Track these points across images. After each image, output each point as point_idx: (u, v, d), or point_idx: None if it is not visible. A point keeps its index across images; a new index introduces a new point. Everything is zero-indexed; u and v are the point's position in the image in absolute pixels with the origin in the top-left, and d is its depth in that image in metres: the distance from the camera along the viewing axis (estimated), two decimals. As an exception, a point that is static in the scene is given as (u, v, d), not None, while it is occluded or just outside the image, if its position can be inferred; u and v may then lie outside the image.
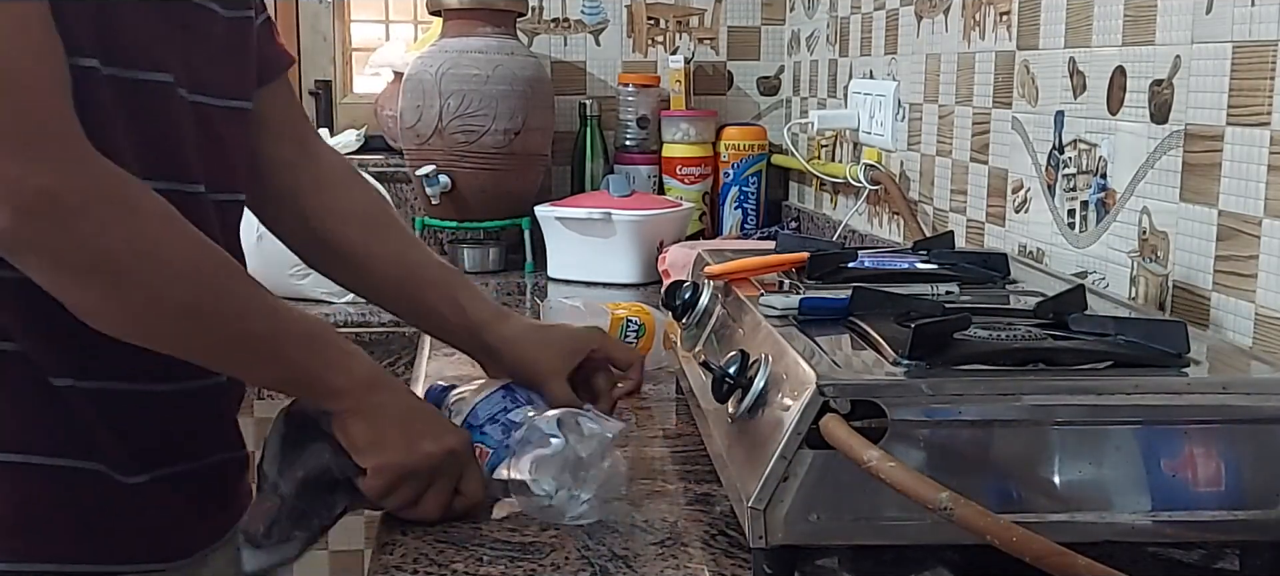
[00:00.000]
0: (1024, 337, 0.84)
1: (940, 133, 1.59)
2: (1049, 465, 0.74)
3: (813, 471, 0.72)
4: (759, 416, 0.79)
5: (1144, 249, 1.11)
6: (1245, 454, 0.74)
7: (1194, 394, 0.76)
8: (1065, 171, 1.25)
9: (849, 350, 0.84)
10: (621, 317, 1.33)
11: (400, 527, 0.90)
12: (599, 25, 2.35)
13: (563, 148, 2.28)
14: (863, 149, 1.87)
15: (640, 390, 1.18)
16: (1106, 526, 0.73)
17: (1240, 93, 0.97)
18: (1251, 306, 0.96)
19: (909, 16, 1.70)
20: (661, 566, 0.83)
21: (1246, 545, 0.78)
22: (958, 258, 1.14)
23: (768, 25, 2.38)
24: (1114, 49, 1.16)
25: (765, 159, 2.30)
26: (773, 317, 0.90)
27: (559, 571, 0.83)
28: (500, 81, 2.04)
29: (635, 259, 1.92)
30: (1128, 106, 1.13)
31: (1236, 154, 0.97)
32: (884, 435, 0.71)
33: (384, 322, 1.73)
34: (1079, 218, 1.23)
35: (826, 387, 0.72)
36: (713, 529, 0.90)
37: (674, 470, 1.03)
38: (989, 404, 0.73)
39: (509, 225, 2.13)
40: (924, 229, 1.61)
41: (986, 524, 0.65)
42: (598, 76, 2.35)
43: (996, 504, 0.70)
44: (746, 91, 2.39)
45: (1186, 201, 1.04)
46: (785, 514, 0.72)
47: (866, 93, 1.85)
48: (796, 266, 1.07)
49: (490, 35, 2.08)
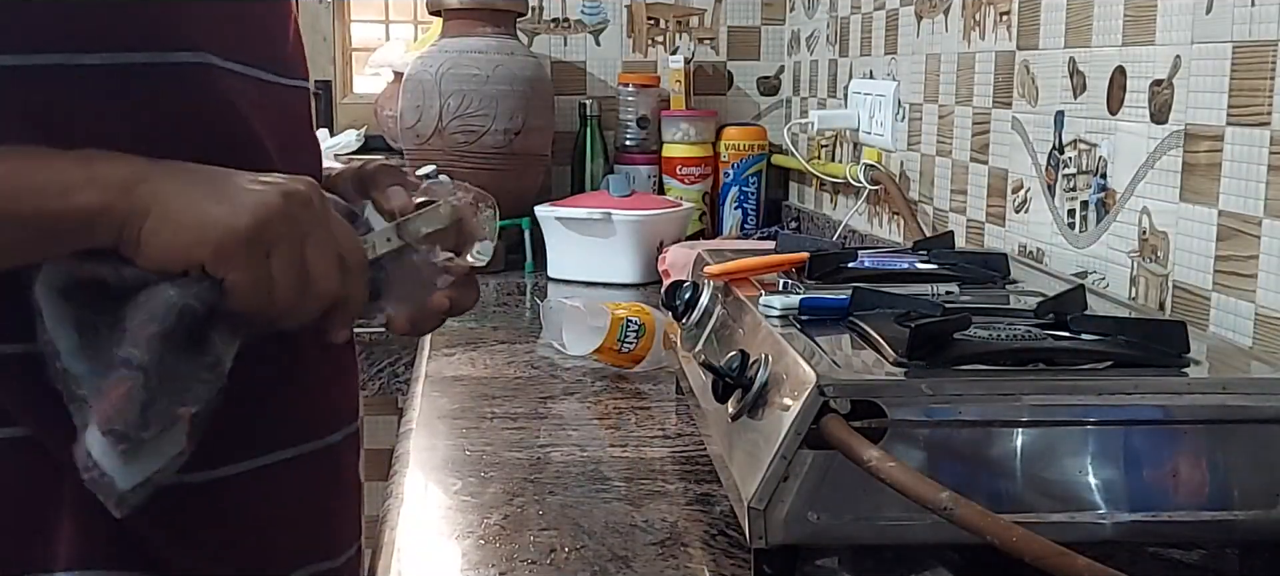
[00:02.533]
0: (1024, 338, 0.84)
1: (940, 133, 1.59)
2: (1049, 465, 0.74)
3: (813, 471, 0.72)
4: (759, 416, 0.79)
5: (1144, 249, 1.11)
6: (1245, 454, 0.74)
7: (1194, 394, 0.76)
8: (1065, 171, 1.25)
9: (849, 350, 0.84)
10: (621, 318, 1.33)
11: (399, 527, 0.90)
12: (599, 25, 2.35)
13: (563, 148, 2.28)
14: (863, 149, 1.87)
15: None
16: (1107, 526, 0.74)
17: (1240, 93, 0.97)
18: (1251, 306, 0.96)
19: (909, 16, 1.70)
20: (661, 566, 0.83)
21: (1246, 545, 0.78)
22: (958, 258, 1.14)
23: (768, 25, 2.38)
24: (1114, 49, 1.16)
25: (765, 159, 2.29)
26: (773, 318, 0.90)
27: (559, 571, 0.83)
28: (500, 81, 2.04)
29: (635, 259, 1.92)
30: (1128, 106, 1.13)
31: (1236, 154, 0.97)
32: (884, 435, 0.71)
33: (384, 323, 1.73)
34: (1079, 218, 1.23)
35: (826, 387, 0.72)
36: (713, 529, 0.90)
37: (674, 470, 1.03)
38: (989, 404, 0.73)
39: (509, 225, 2.13)
40: (924, 229, 1.61)
41: (986, 524, 0.65)
42: (598, 76, 2.35)
43: (996, 504, 0.70)
44: (746, 91, 2.39)
45: (1186, 201, 1.04)
46: (785, 514, 0.72)
47: (866, 93, 1.84)
48: (796, 266, 1.07)
49: (490, 35, 2.08)
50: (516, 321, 1.69)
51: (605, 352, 1.33)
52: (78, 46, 0.70)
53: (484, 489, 0.99)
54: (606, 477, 1.02)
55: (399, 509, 0.96)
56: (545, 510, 0.94)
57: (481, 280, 1.79)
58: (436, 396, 1.27)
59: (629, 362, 1.34)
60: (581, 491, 0.98)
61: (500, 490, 0.99)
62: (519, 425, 1.17)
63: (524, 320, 1.69)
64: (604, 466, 1.04)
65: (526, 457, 1.07)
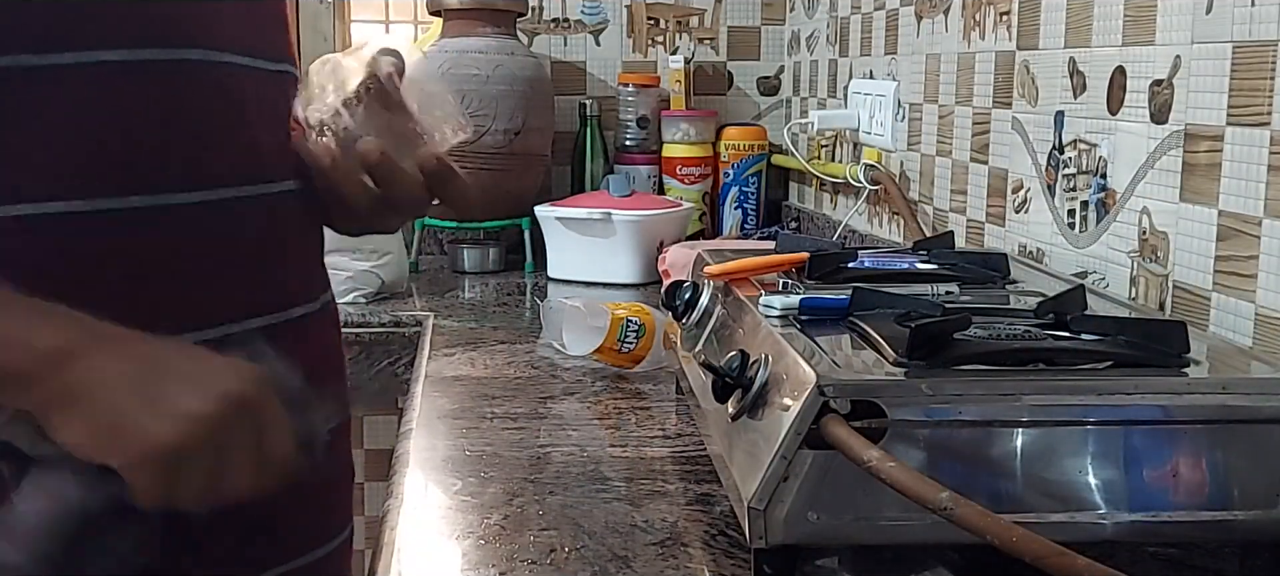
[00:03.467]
0: (1024, 338, 0.84)
1: (940, 133, 1.59)
2: (1049, 465, 0.74)
3: (813, 471, 0.72)
4: (759, 416, 0.79)
5: (1144, 249, 1.11)
6: (1245, 454, 0.74)
7: (1194, 394, 0.76)
8: (1065, 171, 1.25)
9: (849, 350, 0.84)
10: (621, 317, 1.33)
11: (399, 528, 0.90)
12: (599, 25, 2.35)
13: (563, 148, 2.28)
14: (863, 149, 1.87)
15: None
16: (1107, 526, 0.74)
17: (1240, 93, 0.97)
18: (1251, 306, 0.96)
19: (909, 16, 1.70)
20: (661, 566, 0.83)
21: (1246, 545, 0.78)
22: (958, 258, 1.14)
23: (768, 25, 2.38)
24: (1114, 49, 1.16)
25: (765, 159, 2.29)
26: (773, 318, 0.90)
27: (559, 571, 0.83)
28: (500, 81, 2.04)
29: (635, 259, 1.92)
30: (1128, 106, 1.13)
31: (1236, 154, 0.97)
32: (884, 435, 0.71)
33: (384, 323, 1.73)
34: (1079, 218, 1.23)
35: (826, 387, 0.72)
36: (713, 529, 0.90)
37: (674, 470, 1.03)
38: (989, 404, 0.73)
39: (509, 225, 2.13)
40: (924, 229, 1.61)
41: (986, 524, 0.65)
42: (598, 76, 2.35)
43: (996, 504, 0.70)
44: (746, 91, 2.39)
45: (1186, 201, 1.04)
46: (785, 514, 0.72)
47: (866, 93, 1.84)
48: (796, 266, 1.07)
49: (490, 35, 2.08)
50: (516, 321, 1.69)
51: (605, 352, 1.33)
52: (87, 44, 0.70)
53: (484, 489, 0.99)
54: (606, 477, 1.02)
55: (399, 509, 0.96)
56: (545, 510, 0.94)
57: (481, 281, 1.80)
58: (436, 396, 1.27)
59: (629, 363, 1.34)
60: (581, 491, 0.98)
61: (500, 490, 0.99)
62: (519, 425, 1.17)
63: (524, 320, 1.69)
64: (604, 466, 1.04)
65: (526, 457, 1.07)
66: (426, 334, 1.59)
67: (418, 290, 1.89)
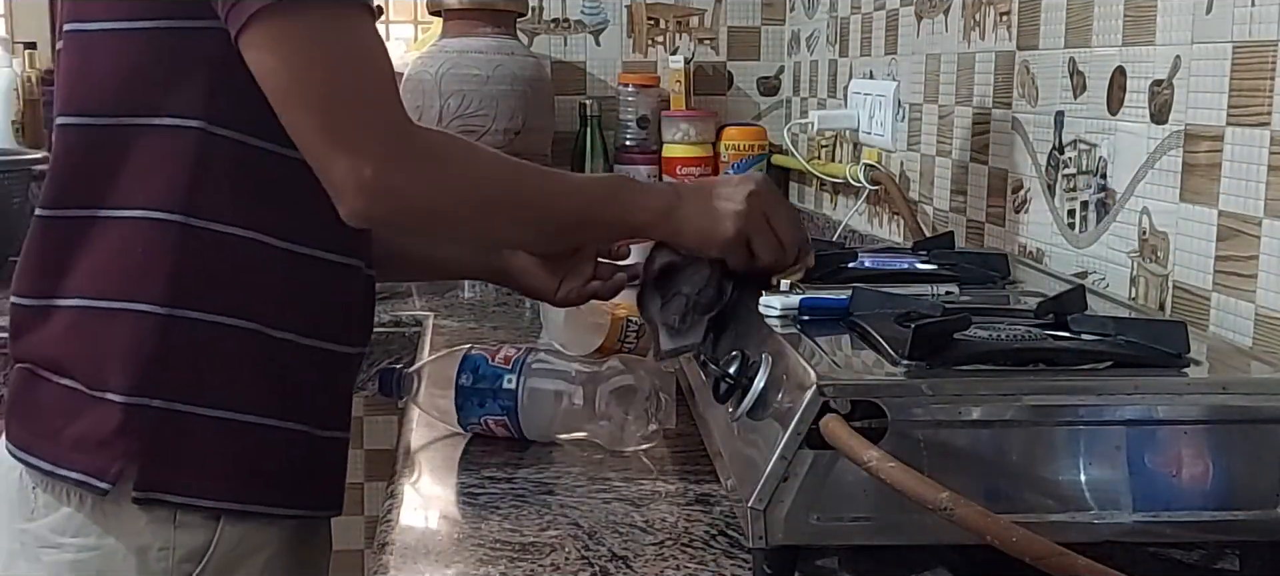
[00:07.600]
0: (1024, 338, 0.84)
1: (940, 133, 1.59)
2: (1049, 465, 0.74)
3: (813, 471, 0.72)
4: (759, 416, 0.79)
5: (1144, 249, 1.11)
6: (1245, 454, 0.74)
7: (1194, 394, 0.76)
8: (1065, 171, 1.25)
9: (849, 350, 0.84)
10: (621, 317, 1.33)
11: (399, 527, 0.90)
12: (599, 25, 2.35)
13: (563, 148, 2.28)
14: (863, 149, 1.87)
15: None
16: (1106, 526, 0.74)
17: (1240, 93, 0.97)
18: (1251, 306, 0.96)
19: (909, 16, 1.70)
20: (661, 566, 0.83)
21: (1246, 545, 0.78)
22: (958, 258, 1.14)
23: (768, 25, 2.38)
24: (1114, 49, 1.16)
25: (765, 159, 2.29)
26: (773, 318, 0.90)
27: (559, 571, 0.83)
28: (500, 81, 2.04)
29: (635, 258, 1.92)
30: (1128, 107, 1.13)
31: (1236, 154, 0.97)
32: (884, 435, 0.71)
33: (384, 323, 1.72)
34: (1079, 218, 1.23)
35: (826, 387, 0.72)
36: (713, 529, 0.90)
37: (674, 470, 1.04)
38: (989, 404, 0.73)
39: (509, 225, 2.13)
40: (924, 229, 1.61)
41: (986, 524, 0.65)
42: (598, 76, 2.35)
43: (996, 504, 0.70)
44: (746, 91, 2.39)
45: (1186, 201, 1.04)
46: (785, 514, 0.72)
47: (866, 93, 1.84)
48: (796, 266, 1.07)
49: (490, 35, 2.08)
50: (516, 321, 1.69)
51: (605, 353, 1.33)
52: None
53: (484, 489, 0.99)
54: (606, 477, 1.02)
55: (399, 509, 0.96)
56: (545, 510, 0.94)
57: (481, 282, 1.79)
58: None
59: (629, 362, 1.34)
60: (582, 491, 0.98)
61: (500, 490, 0.99)
62: (519, 425, 1.16)
63: (524, 320, 1.69)
64: (604, 466, 1.04)
65: (527, 457, 1.07)
66: (426, 334, 1.59)
67: (417, 290, 1.89)
